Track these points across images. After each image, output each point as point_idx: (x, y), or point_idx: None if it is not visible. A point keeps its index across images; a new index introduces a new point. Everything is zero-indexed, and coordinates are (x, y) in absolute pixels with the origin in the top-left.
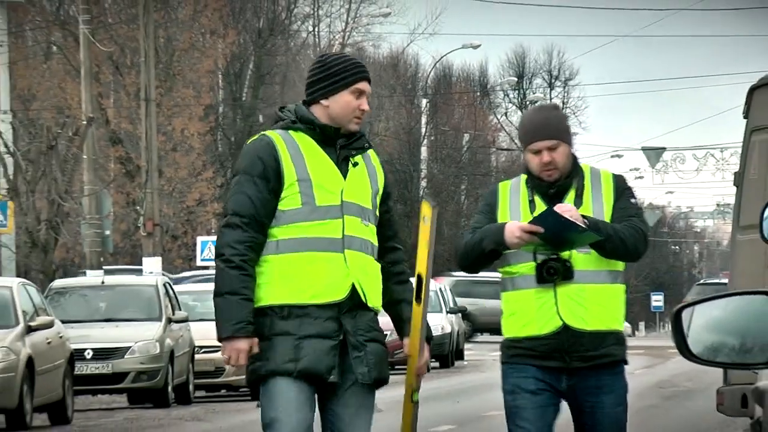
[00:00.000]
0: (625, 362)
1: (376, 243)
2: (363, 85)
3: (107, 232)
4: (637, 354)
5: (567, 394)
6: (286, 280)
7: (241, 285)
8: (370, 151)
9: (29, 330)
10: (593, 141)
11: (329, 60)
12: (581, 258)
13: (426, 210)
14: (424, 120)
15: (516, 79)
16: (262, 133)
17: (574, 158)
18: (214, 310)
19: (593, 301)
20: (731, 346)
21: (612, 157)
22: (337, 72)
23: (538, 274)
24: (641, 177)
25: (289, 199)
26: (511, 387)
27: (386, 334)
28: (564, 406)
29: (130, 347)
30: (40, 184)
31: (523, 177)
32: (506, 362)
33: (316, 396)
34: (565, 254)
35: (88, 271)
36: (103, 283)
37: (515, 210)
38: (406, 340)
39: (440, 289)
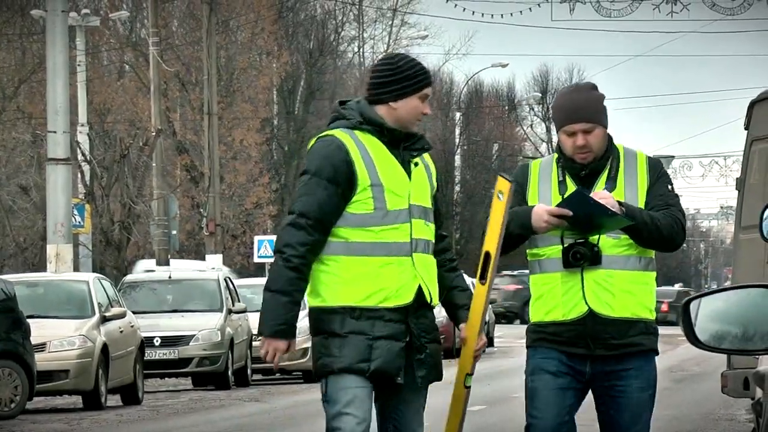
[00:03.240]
0: (656, 352)
1: (434, 241)
2: (429, 90)
3: (174, 232)
4: None
5: (592, 379)
6: (357, 282)
7: (293, 287)
8: None
9: (104, 320)
10: None
11: (400, 63)
12: (610, 243)
13: (502, 185)
14: (457, 131)
15: (540, 94)
16: (330, 133)
17: (610, 138)
18: (262, 303)
19: (621, 287)
20: (734, 335)
21: None
22: (409, 76)
23: (564, 259)
24: None
25: (361, 203)
26: (532, 368)
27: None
28: (588, 396)
29: (195, 335)
30: (113, 189)
31: (555, 156)
32: (531, 346)
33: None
34: (593, 238)
35: (156, 267)
36: (170, 277)
37: (545, 191)
38: (462, 325)
39: (472, 283)
